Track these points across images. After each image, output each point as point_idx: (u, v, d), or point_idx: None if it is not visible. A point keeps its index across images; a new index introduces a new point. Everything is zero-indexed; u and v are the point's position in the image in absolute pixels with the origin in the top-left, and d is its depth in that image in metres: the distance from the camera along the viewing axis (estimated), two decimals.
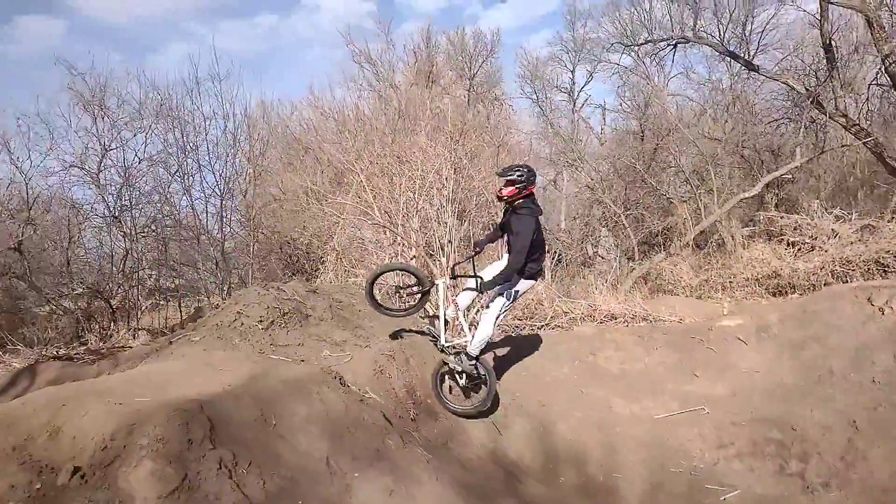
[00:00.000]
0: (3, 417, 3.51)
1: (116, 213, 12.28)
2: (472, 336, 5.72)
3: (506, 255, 5.74)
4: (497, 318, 5.73)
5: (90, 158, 11.95)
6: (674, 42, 15.61)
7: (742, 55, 15.28)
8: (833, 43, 12.13)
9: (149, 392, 3.94)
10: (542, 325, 8.42)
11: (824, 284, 8.65)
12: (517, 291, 5.70)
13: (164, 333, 11.00)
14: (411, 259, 8.68)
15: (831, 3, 11.06)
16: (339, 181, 12.18)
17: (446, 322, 5.89)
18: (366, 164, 9.28)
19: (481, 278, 5.50)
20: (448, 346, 5.87)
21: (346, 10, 41.67)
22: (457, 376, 5.87)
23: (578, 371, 6.96)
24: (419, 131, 9.63)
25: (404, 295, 6.25)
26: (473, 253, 5.81)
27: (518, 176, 5.40)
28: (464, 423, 5.75)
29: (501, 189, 5.48)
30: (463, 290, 5.81)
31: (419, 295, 6.00)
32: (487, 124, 13.18)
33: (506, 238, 5.71)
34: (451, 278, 5.97)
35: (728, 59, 16.16)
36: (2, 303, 12.92)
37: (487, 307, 5.77)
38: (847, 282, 8.47)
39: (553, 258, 13.73)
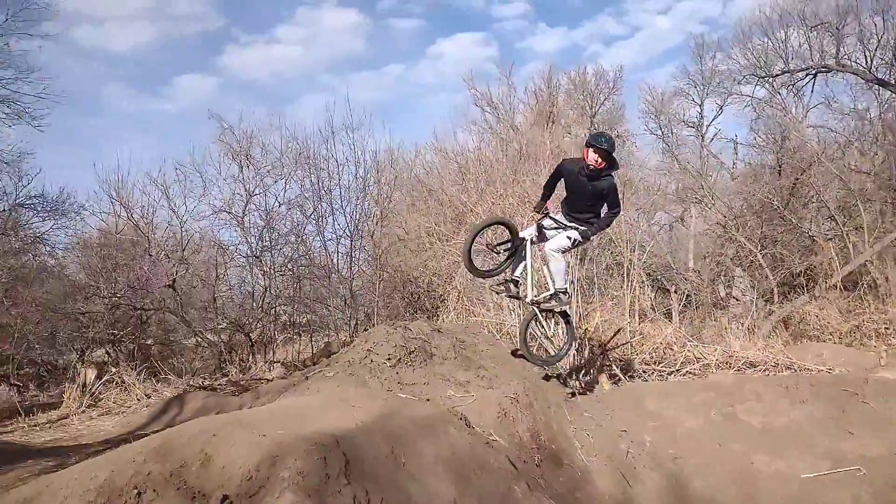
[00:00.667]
0: (162, 445, 3.82)
1: (257, 254, 13.33)
2: (553, 279, 6.18)
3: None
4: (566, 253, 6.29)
5: (236, 203, 13.19)
6: (814, 71, 14.72)
7: (892, 82, 14.08)
8: None
9: (288, 425, 4.14)
10: (672, 372, 8.02)
11: None
12: None
13: (297, 367, 11.61)
14: None
15: None
16: (461, 222, 12.41)
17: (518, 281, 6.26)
18: (487, 205, 9.39)
19: (577, 228, 5.97)
20: (540, 298, 6.27)
21: (468, 56, 43.07)
22: (544, 325, 6.42)
23: (715, 423, 6.51)
24: (540, 171, 9.64)
25: (500, 251, 6.41)
26: (545, 213, 6.10)
27: (611, 149, 5.72)
28: (590, 472, 5.55)
29: (597, 159, 5.68)
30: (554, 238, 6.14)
31: (510, 252, 6.23)
32: None
33: (574, 196, 6.01)
34: (537, 235, 6.20)
35: (876, 86, 14.95)
36: (156, 335, 14.24)
37: (560, 249, 6.12)
38: None
39: (681, 299, 13.10)
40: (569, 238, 6.03)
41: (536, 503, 4.36)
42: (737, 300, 13.87)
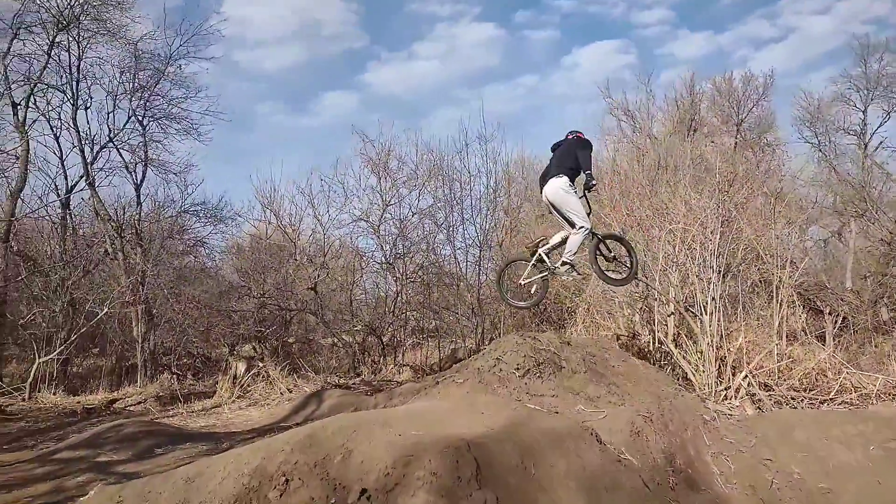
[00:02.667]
0: (307, 437, 4.09)
1: (391, 260, 13.90)
2: None
3: None
4: None
5: (373, 213, 13.85)
6: None
7: None
8: None
9: (421, 427, 4.28)
10: (825, 400, 7.35)
11: None
12: None
13: (425, 371, 11.93)
14: (669, 316, 8.25)
15: None
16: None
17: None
18: (621, 217, 9.14)
19: None
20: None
21: (604, 65, 42.31)
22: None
23: (874, 459, 5.89)
24: (679, 181, 9.25)
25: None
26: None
27: None
28: (730, 500, 5.23)
29: None
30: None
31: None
32: (757, 172, 12.14)
33: None
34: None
35: None
36: (297, 334, 15.20)
37: None
38: None
39: (836, 322, 11.97)
40: None
41: None
42: None
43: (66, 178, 13.81)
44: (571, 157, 6.03)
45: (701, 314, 7.76)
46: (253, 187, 16.08)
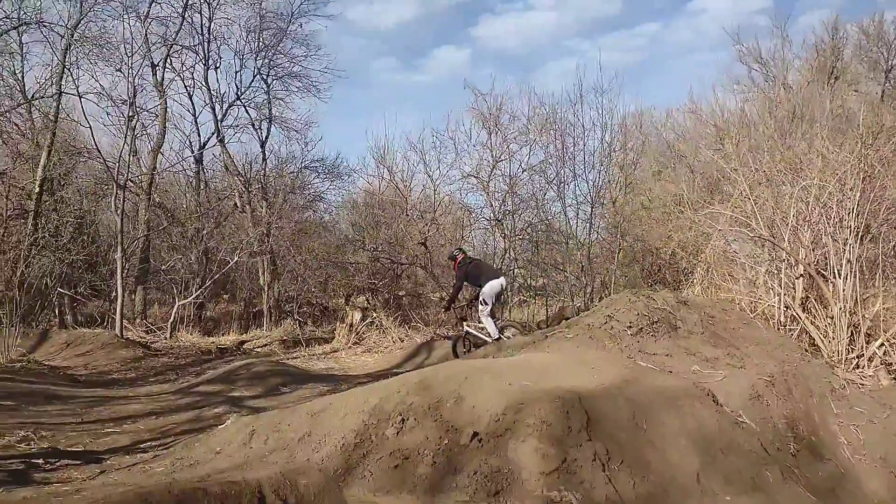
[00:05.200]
0: (421, 381, 4.27)
1: (500, 217, 13.93)
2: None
3: None
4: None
5: (483, 169, 13.87)
6: None
7: None
8: None
9: (531, 377, 4.33)
10: None
11: None
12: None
13: (531, 327, 11.98)
14: (797, 278, 7.72)
15: None
16: (713, 190, 11.54)
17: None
18: (750, 172, 8.54)
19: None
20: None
21: (736, 9, 39.24)
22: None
23: None
24: (816, 134, 8.49)
25: None
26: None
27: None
28: (856, 472, 4.92)
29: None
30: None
31: None
32: None
33: None
34: None
35: None
36: (407, 287, 15.72)
37: None
38: None
39: None
40: None
41: (790, 492, 4.01)
42: None
43: (199, 134, 14.91)
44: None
45: (834, 278, 7.20)
46: (368, 144, 16.63)
